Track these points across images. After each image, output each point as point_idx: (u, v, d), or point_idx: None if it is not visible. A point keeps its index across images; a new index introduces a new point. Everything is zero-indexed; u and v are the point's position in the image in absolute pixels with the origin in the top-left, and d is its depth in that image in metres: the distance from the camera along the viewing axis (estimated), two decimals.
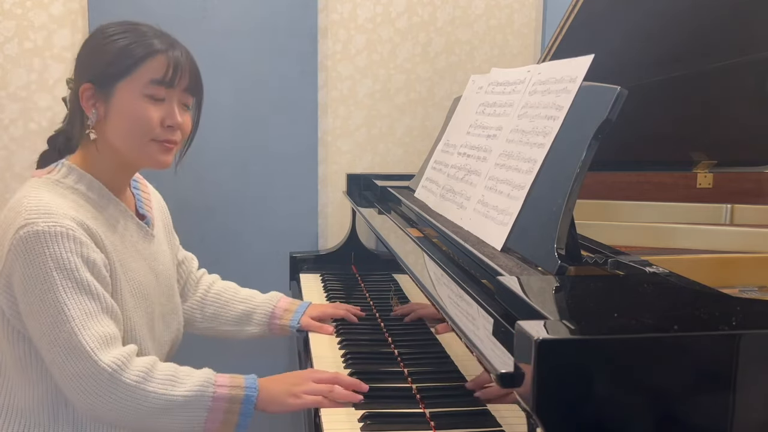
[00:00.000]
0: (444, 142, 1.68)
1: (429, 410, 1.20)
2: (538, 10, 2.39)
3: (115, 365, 1.15)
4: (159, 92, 1.26)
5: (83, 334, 1.14)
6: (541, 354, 0.70)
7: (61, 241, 1.15)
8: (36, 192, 1.22)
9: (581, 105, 1.11)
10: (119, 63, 1.25)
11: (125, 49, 1.25)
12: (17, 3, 2.13)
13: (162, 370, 1.20)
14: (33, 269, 1.15)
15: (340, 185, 2.33)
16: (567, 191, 1.03)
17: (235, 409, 1.20)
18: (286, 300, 1.65)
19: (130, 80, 1.25)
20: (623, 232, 1.57)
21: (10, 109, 2.18)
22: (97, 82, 1.25)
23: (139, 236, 1.36)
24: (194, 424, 1.20)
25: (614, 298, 0.90)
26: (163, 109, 1.27)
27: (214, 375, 1.24)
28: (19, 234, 1.15)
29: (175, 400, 1.17)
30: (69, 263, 1.15)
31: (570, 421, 0.71)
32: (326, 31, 2.30)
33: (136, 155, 1.29)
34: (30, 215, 1.16)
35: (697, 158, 1.90)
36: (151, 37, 1.27)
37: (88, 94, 1.26)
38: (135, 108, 1.25)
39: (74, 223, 1.18)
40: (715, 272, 1.22)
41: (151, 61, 1.25)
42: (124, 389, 1.15)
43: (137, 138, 1.27)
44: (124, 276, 1.27)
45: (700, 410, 0.74)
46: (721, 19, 1.54)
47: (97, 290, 1.18)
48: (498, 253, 1.13)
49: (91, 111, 1.26)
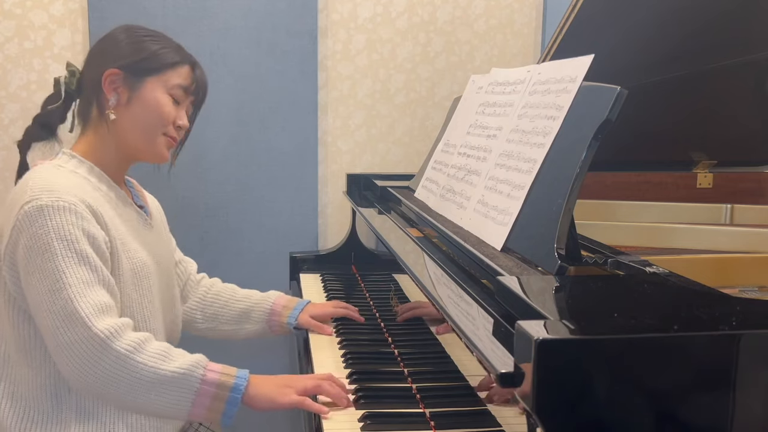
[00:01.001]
0: (444, 142, 1.68)
1: (429, 410, 1.20)
2: (538, 10, 2.39)
3: (108, 332, 1.16)
4: (179, 96, 1.38)
5: (79, 301, 1.16)
6: (541, 354, 0.70)
7: (64, 214, 1.20)
8: (40, 173, 1.27)
9: (581, 105, 1.11)
10: (155, 61, 1.36)
11: (162, 51, 1.37)
12: (17, 3, 2.13)
13: (155, 345, 1.21)
14: (35, 240, 1.19)
15: (340, 185, 2.33)
16: (567, 191, 1.03)
17: (222, 396, 1.21)
18: (284, 297, 1.66)
19: (159, 78, 1.36)
20: (623, 232, 1.57)
21: (10, 109, 2.18)
22: (129, 70, 1.34)
23: (139, 222, 1.41)
24: (180, 405, 1.19)
25: (614, 298, 0.90)
26: (176, 110, 1.39)
27: (206, 360, 1.25)
28: (24, 209, 1.20)
29: (163, 375, 1.18)
30: (70, 234, 1.19)
31: (570, 421, 0.71)
32: (326, 31, 2.30)
33: (144, 144, 1.37)
34: (34, 192, 1.22)
35: (697, 158, 1.90)
36: (179, 49, 1.40)
37: (115, 79, 1.34)
38: (159, 101, 1.36)
39: (77, 199, 1.23)
40: (715, 272, 1.22)
41: (181, 68, 1.38)
42: (115, 357, 1.16)
43: (153, 128, 1.36)
44: (125, 254, 1.30)
45: (700, 410, 0.74)
46: (721, 19, 1.54)
47: (95, 262, 1.21)
48: (498, 253, 1.13)
49: (113, 94, 1.34)
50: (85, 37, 2.18)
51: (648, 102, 1.59)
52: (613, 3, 1.66)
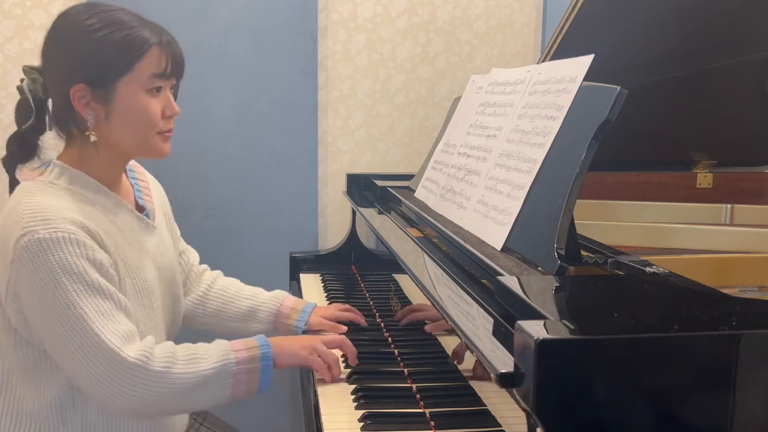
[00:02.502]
0: (444, 142, 1.68)
1: (429, 410, 1.20)
2: (538, 10, 2.39)
3: (141, 357, 1.16)
4: (159, 84, 1.25)
5: (105, 334, 1.14)
6: (541, 354, 0.70)
7: (65, 246, 1.14)
8: (30, 197, 1.18)
9: (581, 105, 1.11)
10: (118, 61, 1.20)
11: (121, 45, 1.20)
12: (17, 3, 2.13)
13: (182, 351, 1.23)
14: (41, 278, 1.13)
15: (340, 185, 2.33)
16: (567, 191, 1.03)
17: (255, 368, 1.25)
18: (291, 299, 1.63)
19: (131, 77, 1.21)
20: (623, 232, 1.57)
21: (10, 109, 2.17)
22: (94, 82, 1.20)
23: (140, 230, 1.34)
24: (222, 392, 1.24)
25: (614, 298, 0.90)
26: (161, 100, 1.26)
27: (228, 343, 1.28)
28: (21, 244, 1.13)
29: (203, 376, 1.21)
30: (76, 267, 1.14)
31: (570, 421, 0.71)
32: (326, 31, 2.30)
33: (141, 149, 1.28)
34: (28, 223, 1.13)
35: (697, 158, 1.90)
36: (140, 28, 1.22)
37: (84, 95, 1.21)
38: (140, 105, 1.23)
39: (74, 226, 1.16)
40: (715, 272, 1.22)
41: (149, 54, 1.22)
42: (155, 377, 1.17)
43: (143, 133, 1.26)
44: (127, 273, 1.27)
45: (700, 410, 0.74)
46: (721, 19, 1.54)
47: (108, 289, 1.18)
48: (498, 253, 1.14)
49: (88, 112, 1.22)
50: None
51: (648, 102, 1.59)
52: (613, 3, 1.66)
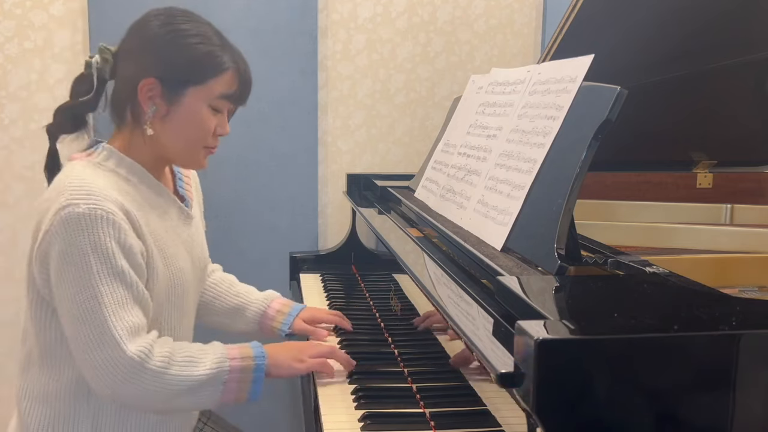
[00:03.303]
0: (444, 142, 1.68)
1: (429, 410, 1.20)
2: (538, 10, 2.39)
3: (141, 354, 1.16)
4: (222, 105, 1.29)
5: (114, 322, 1.15)
6: (541, 354, 0.70)
7: (101, 225, 1.15)
8: (78, 172, 1.21)
9: (581, 105, 1.11)
10: (197, 71, 1.25)
11: (203, 58, 1.25)
12: (17, 3, 2.13)
13: (180, 352, 1.23)
14: (70, 251, 1.15)
15: (340, 185, 2.33)
16: (567, 191, 1.03)
17: (247, 378, 1.26)
18: (279, 301, 1.62)
19: (201, 89, 1.25)
20: (623, 232, 1.57)
21: (10, 109, 2.18)
22: (167, 82, 1.24)
23: (179, 219, 1.36)
24: (213, 396, 1.24)
25: (614, 298, 0.90)
26: (217, 118, 1.30)
27: (225, 348, 1.28)
28: (60, 214, 1.15)
29: (196, 380, 1.22)
30: (107, 249, 1.16)
31: (570, 421, 0.71)
32: (326, 31, 2.30)
33: (182, 157, 1.32)
34: (72, 195, 1.16)
35: (697, 158, 1.90)
36: (224, 49, 1.27)
37: (152, 88, 1.24)
38: (199, 116, 1.27)
39: (115, 206, 1.18)
40: (715, 272, 1.22)
41: (225, 75, 1.26)
42: (150, 375, 1.18)
43: (192, 143, 1.29)
44: (163, 260, 1.27)
45: (700, 410, 0.74)
46: (721, 19, 1.54)
47: (131, 278, 1.19)
48: (498, 253, 1.14)
49: (150, 106, 1.25)
50: (85, 37, 2.18)
51: (648, 102, 1.59)
52: (613, 3, 1.66)
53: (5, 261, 2.25)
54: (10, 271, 2.26)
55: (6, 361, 2.27)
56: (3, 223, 2.23)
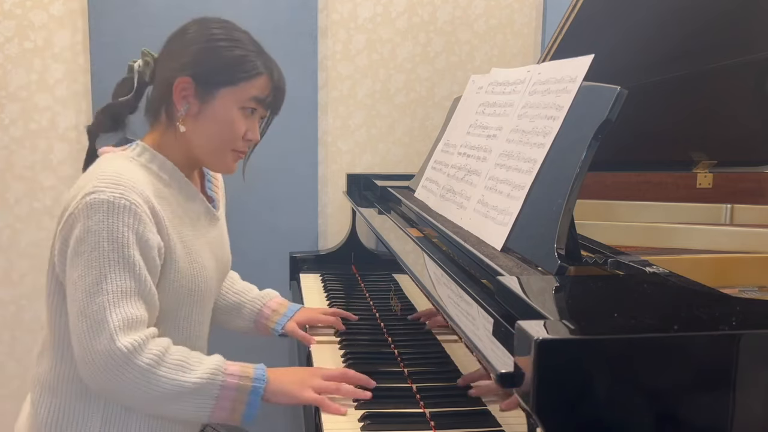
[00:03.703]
0: (444, 142, 1.68)
1: (429, 410, 1.20)
2: (538, 10, 2.39)
3: (131, 346, 1.14)
4: (253, 108, 1.31)
5: (112, 311, 1.15)
6: (541, 354, 0.70)
7: (121, 214, 1.16)
8: (110, 163, 1.24)
9: (581, 105, 1.11)
10: (230, 72, 1.27)
11: (237, 60, 1.28)
12: (17, 3, 2.13)
13: (174, 354, 1.20)
14: (87, 234, 1.16)
15: (340, 185, 2.33)
16: (567, 191, 1.03)
17: (242, 398, 1.20)
18: (276, 301, 1.62)
19: (234, 90, 1.28)
20: (623, 232, 1.57)
21: (10, 109, 2.18)
22: (200, 81, 1.27)
23: (206, 219, 1.37)
24: (202, 410, 1.19)
25: (614, 298, 0.90)
26: (248, 123, 1.31)
27: (224, 363, 1.23)
28: (86, 199, 1.17)
29: (185, 386, 1.17)
30: (122, 237, 1.16)
31: (570, 421, 0.71)
32: (326, 31, 2.30)
33: (211, 158, 1.33)
34: (100, 182, 1.18)
35: (697, 158, 1.90)
36: (258, 55, 1.31)
37: (186, 87, 1.27)
38: (229, 116, 1.28)
39: (141, 198, 1.19)
40: (715, 272, 1.22)
41: (258, 79, 1.29)
42: (137, 371, 1.15)
43: (221, 144, 1.30)
44: (187, 258, 1.28)
45: (700, 410, 0.74)
46: (721, 19, 1.54)
47: (140, 271, 1.18)
48: (498, 253, 1.13)
49: (183, 104, 1.27)
50: (85, 37, 2.18)
51: (648, 102, 1.59)
52: (613, 3, 1.66)
53: (5, 261, 2.25)
54: (10, 271, 2.26)
55: (6, 360, 2.27)
56: (3, 223, 2.23)
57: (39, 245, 2.26)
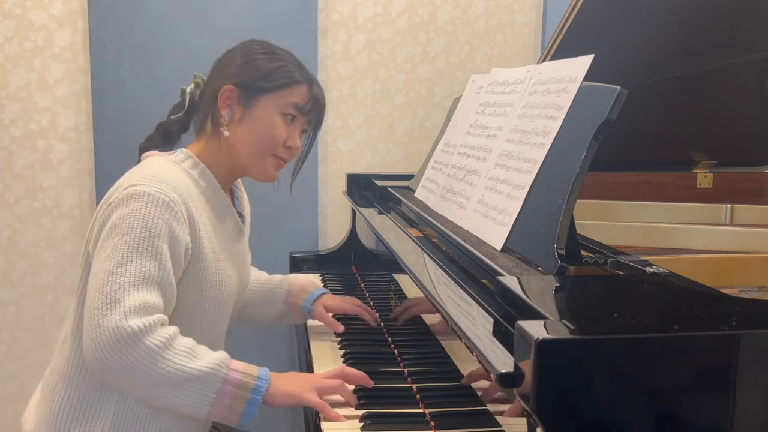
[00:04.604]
0: (444, 142, 1.68)
1: (429, 410, 1.20)
2: (538, 10, 2.39)
3: (141, 326, 1.15)
4: (294, 115, 1.37)
5: (130, 292, 1.16)
6: (541, 354, 0.70)
7: (159, 207, 1.21)
8: (155, 164, 1.30)
9: (581, 105, 1.11)
10: (272, 79, 1.35)
11: (280, 69, 1.36)
12: (17, 3, 2.13)
13: (182, 342, 1.20)
14: (122, 219, 1.20)
15: (340, 185, 2.33)
16: (567, 191, 1.03)
17: (243, 396, 1.20)
18: (304, 280, 1.66)
19: (275, 97, 1.35)
20: (623, 232, 1.57)
21: (10, 109, 2.18)
22: (244, 88, 1.34)
23: (234, 233, 1.42)
24: (201, 403, 1.19)
25: (614, 298, 0.90)
26: (288, 130, 1.37)
27: (229, 359, 1.24)
28: (128, 190, 1.22)
29: (188, 372, 1.17)
30: (155, 227, 1.20)
31: (570, 421, 0.71)
32: (326, 31, 2.30)
33: (253, 164, 1.37)
34: (143, 178, 1.24)
35: (697, 158, 1.90)
36: (298, 68, 1.38)
37: (230, 95, 1.34)
38: (270, 121, 1.35)
39: (179, 198, 1.24)
40: (715, 272, 1.22)
41: (298, 87, 1.36)
42: (143, 350, 1.15)
43: (262, 149, 1.36)
44: (215, 264, 1.31)
45: (700, 410, 0.74)
46: (721, 19, 1.54)
47: (165, 263, 1.20)
48: (498, 253, 1.13)
49: (227, 110, 1.34)
50: (85, 37, 2.18)
51: (648, 102, 1.59)
52: (613, 3, 1.66)
53: (5, 261, 2.25)
54: (10, 271, 2.26)
55: (5, 360, 2.27)
56: (3, 223, 2.23)
57: (39, 245, 2.26)
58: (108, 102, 2.20)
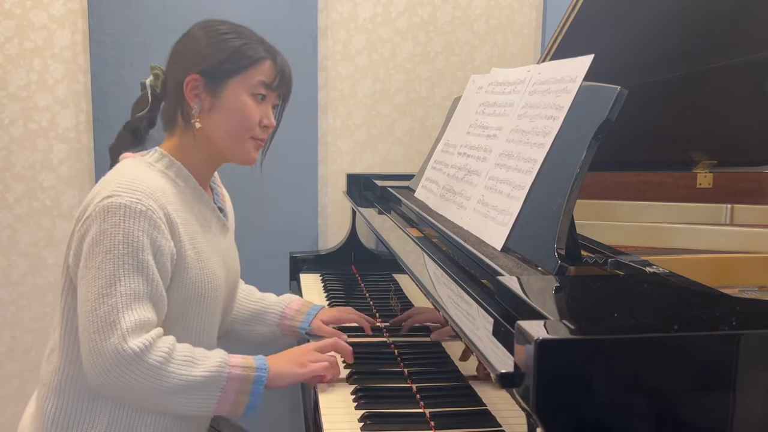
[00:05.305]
0: (444, 142, 1.68)
1: (429, 410, 1.20)
2: (538, 10, 2.39)
3: (142, 346, 1.16)
4: (263, 94, 1.33)
5: (124, 313, 1.16)
6: (541, 354, 0.70)
7: (138, 218, 1.19)
8: (128, 169, 1.26)
9: (581, 105, 1.11)
10: (235, 61, 1.31)
11: (241, 49, 1.31)
12: (17, 3, 2.13)
13: (180, 350, 1.22)
14: (103, 236, 1.18)
15: (340, 185, 2.33)
16: (567, 191, 1.03)
17: (245, 389, 1.23)
18: (298, 302, 1.63)
19: (242, 79, 1.31)
20: (623, 232, 1.57)
21: (10, 109, 2.18)
22: (208, 75, 1.30)
23: (217, 228, 1.40)
24: (207, 404, 1.22)
25: (614, 298, 0.90)
26: (261, 110, 1.34)
27: (227, 357, 1.26)
28: (103, 203, 1.20)
29: (193, 380, 1.20)
30: (137, 240, 1.18)
31: (570, 421, 0.71)
32: (326, 31, 2.30)
33: (232, 149, 1.35)
34: (118, 188, 1.21)
35: (697, 158, 1.90)
36: (259, 44, 1.34)
37: (196, 85, 1.30)
38: (242, 105, 1.31)
39: (157, 205, 1.22)
40: (715, 272, 1.22)
41: (262, 63, 1.32)
42: (147, 369, 1.17)
43: (239, 134, 1.33)
44: (198, 264, 1.30)
45: (700, 410, 0.74)
46: (721, 20, 1.54)
47: (153, 275, 1.20)
48: (498, 253, 1.13)
49: (196, 101, 1.31)
50: (85, 37, 2.18)
51: (648, 102, 1.59)
52: (613, 3, 1.66)
53: (5, 261, 2.25)
54: (10, 271, 2.26)
55: (5, 360, 2.27)
56: (3, 223, 2.23)
57: (39, 245, 2.26)
58: (108, 102, 2.20)
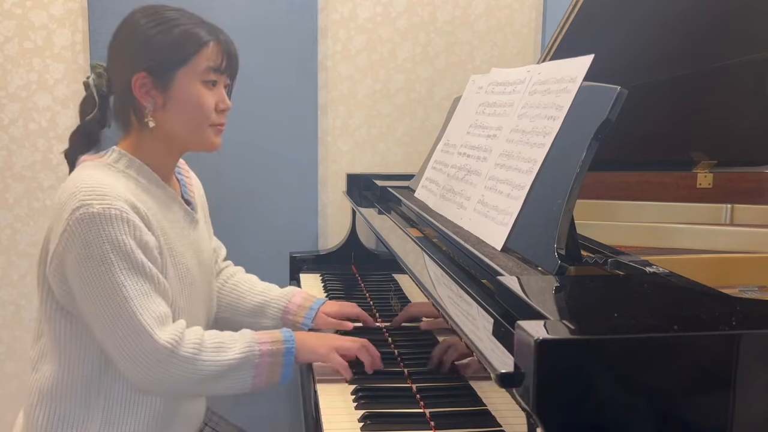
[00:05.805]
0: (444, 142, 1.68)
1: (429, 410, 1.20)
2: (538, 10, 2.39)
3: (172, 341, 1.21)
4: (214, 78, 1.31)
5: (142, 314, 1.19)
6: (541, 354, 0.70)
7: (116, 223, 1.18)
8: (89, 173, 1.24)
9: (581, 105, 1.11)
10: (178, 52, 1.27)
11: (181, 39, 1.27)
12: (17, 3, 2.13)
13: (210, 338, 1.27)
14: (90, 251, 1.18)
15: (340, 185, 2.33)
16: (567, 191, 1.03)
17: (278, 361, 1.30)
18: (300, 296, 1.62)
19: (188, 68, 1.28)
20: (623, 232, 1.57)
21: (10, 109, 2.18)
22: (155, 71, 1.27)
23: (185, 222, 1.39)
24: (244, 382, 1.28)
25: (614, 298, 0.90)
26: (215, 94, 1.32)
27: (254, 335, 1.32)
28: (75, 216, 1.18)
29: (228, 364, 1.26)
30: (125, 245, 1.19)
31: (570, 421, 0.71)
32: (326, 31, 2.30)
33: (195, 140, 1.33)
34: (85, 197, 1.19)
35: (697, 158, 1.90)
36: (199, 27, 1.30)
37: (145, 83, 1.27)
38: (195, 95, 1.29)
39: (127, 204, 1.21)
40: (715, 272, 1.22)
41: (206, 49, 1.29)
42: (183, 362, 1.22)
43: (198, 124, 1.31)
44: (171, 260, 1.31)
45: (700, 410, 0.74)
46: (721, 19, 1.54)
47: (151, 271, 1.22)
48: (498, 253, 1.13)
49: (148, 100, 1.28)
50: (85, 37, 2.18)
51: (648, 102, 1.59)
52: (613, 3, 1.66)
53: (5, 261, 2.25)
54: (10, 271, 2.25)
55: (6, 360, 2.27)
56: (3, 223, 2.23)
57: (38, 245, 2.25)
58: None
